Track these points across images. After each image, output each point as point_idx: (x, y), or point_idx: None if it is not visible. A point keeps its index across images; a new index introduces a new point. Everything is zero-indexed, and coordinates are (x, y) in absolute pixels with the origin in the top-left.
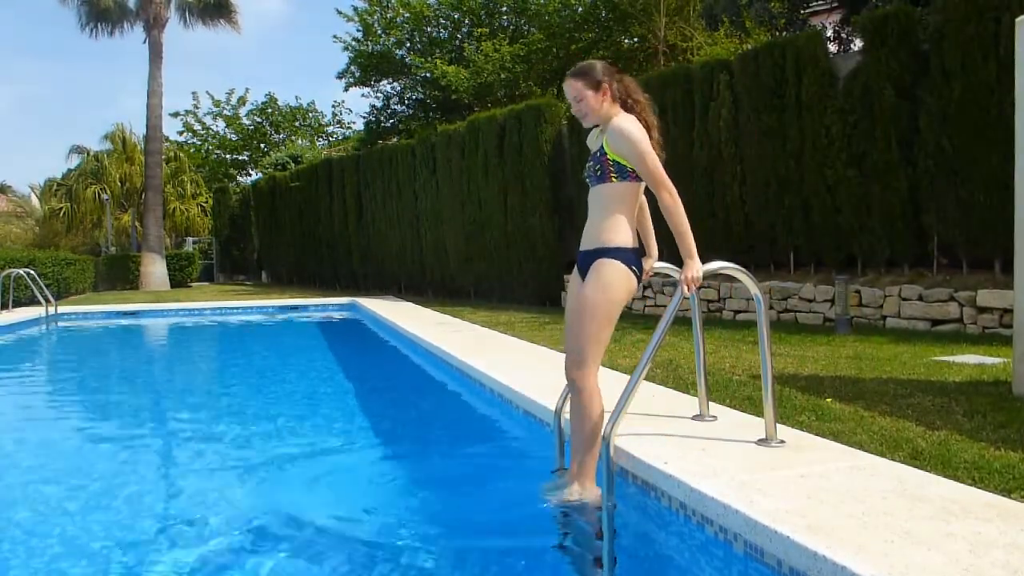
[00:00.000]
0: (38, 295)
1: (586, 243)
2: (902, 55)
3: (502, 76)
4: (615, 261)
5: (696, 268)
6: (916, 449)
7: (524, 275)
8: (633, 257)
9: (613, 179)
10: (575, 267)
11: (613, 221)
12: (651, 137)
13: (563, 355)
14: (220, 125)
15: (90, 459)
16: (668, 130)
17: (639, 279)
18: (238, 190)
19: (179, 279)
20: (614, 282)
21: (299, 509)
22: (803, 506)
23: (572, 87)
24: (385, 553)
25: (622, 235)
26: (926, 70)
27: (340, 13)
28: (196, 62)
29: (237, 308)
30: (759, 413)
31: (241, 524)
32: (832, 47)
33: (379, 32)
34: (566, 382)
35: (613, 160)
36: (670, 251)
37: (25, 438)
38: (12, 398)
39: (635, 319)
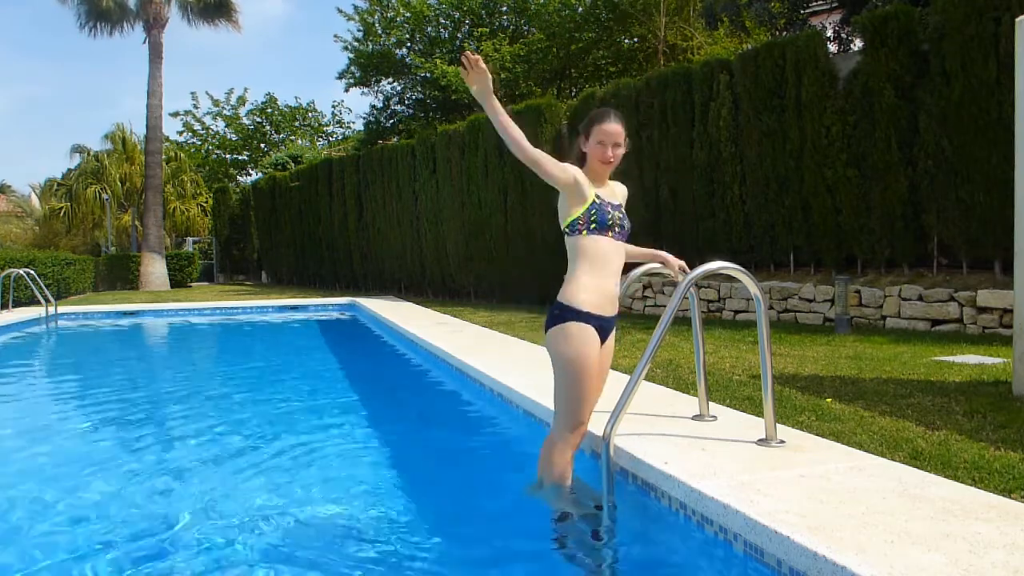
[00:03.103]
0: (38, 295)
1: (614, 306)
2: (902, 55)
3: (502, 76)
4: None
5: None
6: (916, 449)
7: (524, 275)
8: None
9: None
10: (592, 327)
11: None
12: None
13: None
14: (220, 125)
15: (90, 459)
16: (668, 130)
17: None
18: (238, 190)
19: (179, 279)
20: None
21: (296, 509)
22: (803, 506)
23: (621, 130)
24: (384, 553)
25: None
26: (926, 70)
27: (340, 12)
28: (196, 62)
29: (237, 308)
30: (759, 413)
31: (239, 523)
32: (832, 47)
33: (379, 32)
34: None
35: None
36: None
37: (24, 438)
38: (12, 398)
39: (635, 319)
